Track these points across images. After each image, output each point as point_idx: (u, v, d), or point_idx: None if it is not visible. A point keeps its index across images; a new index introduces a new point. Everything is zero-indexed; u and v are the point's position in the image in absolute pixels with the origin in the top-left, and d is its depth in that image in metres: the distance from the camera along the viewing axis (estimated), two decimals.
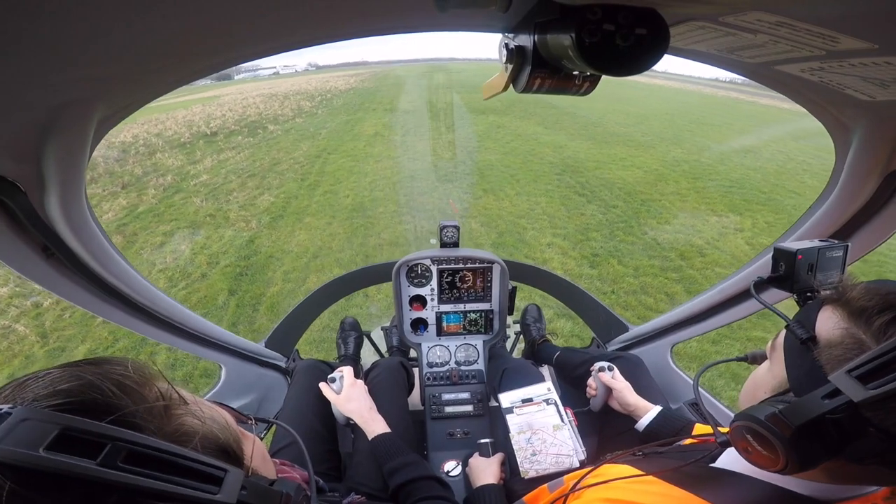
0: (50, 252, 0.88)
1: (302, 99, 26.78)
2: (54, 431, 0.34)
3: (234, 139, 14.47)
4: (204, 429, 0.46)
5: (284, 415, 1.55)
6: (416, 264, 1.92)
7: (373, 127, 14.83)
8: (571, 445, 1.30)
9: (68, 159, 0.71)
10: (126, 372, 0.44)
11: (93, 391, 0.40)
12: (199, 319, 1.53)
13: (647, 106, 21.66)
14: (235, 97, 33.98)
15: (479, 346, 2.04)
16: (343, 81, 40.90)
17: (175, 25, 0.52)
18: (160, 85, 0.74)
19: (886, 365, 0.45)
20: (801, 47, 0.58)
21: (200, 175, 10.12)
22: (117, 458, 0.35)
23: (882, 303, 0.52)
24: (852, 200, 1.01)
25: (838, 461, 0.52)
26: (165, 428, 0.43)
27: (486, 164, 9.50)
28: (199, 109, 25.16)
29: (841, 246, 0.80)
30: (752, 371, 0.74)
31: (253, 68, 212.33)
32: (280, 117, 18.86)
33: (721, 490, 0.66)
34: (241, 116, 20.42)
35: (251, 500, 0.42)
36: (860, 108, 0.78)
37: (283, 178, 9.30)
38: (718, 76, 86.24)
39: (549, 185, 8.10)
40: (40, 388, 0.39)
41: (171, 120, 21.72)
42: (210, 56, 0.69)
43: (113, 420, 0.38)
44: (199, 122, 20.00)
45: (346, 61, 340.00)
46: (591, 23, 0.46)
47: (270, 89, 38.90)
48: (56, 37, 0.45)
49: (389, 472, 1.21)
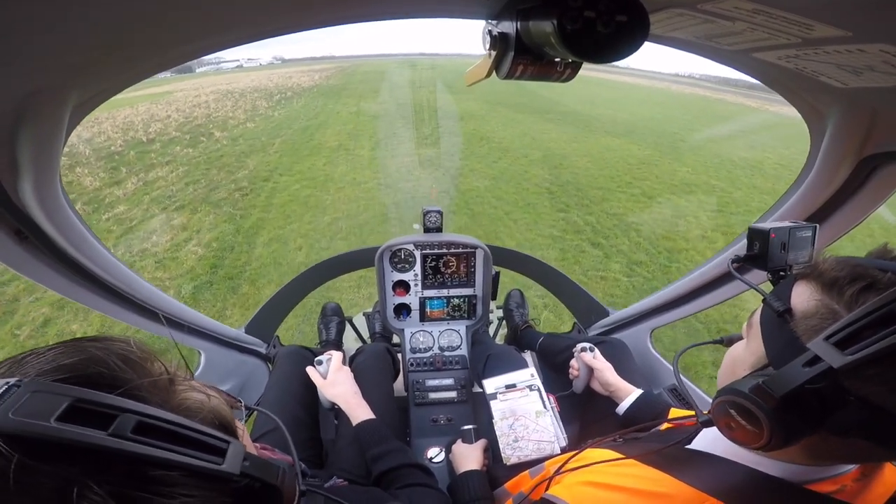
0: (23, 236, 0.89)
1: (259, 97, 24.43)
2: (65, 403, 0.34)
3: (172, 149, 12.32)
4: (209, 404, 0.46)
5: (266, 401, 1.54)
6: (400, 249, 1.90)
7: (336, 136, 12.91)
8: (553, 432, 1.32)
9: (42, 145, 0.72)
10: (129, 347, 0.44)
11: (98, 365, 0.40)
12: (179, 305, 1.54)
13: (630, 109, 20.55)
14: (188, 94, 31.46)
15: (463, 332, 2.02)
16: (307, 77, 38.43)
17: (148, 12, 0.52)
18: (134, 72, 0.75)
19: (860, 331, 0.47)
20: (778, 35, 0.59)
21: (116, 205, 8.05)
22: (127, 428, 0.35)
23: (852, 273, 0.53)
24: (826, 185, 1.04)
25: (820, 435, 0.53)
26: (171, 401, 0.43)
27: (474, 195, 7.86)
28: (145, 108, 22.59)
29: (810, 226, 0.82)
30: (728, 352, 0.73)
31: (215, 61, 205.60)
32: (230, 121, 16.62)
33: (698, 471, 0.67)
34: (186, 118, 18.05)
35: (253, 472, 0.42)
36: (834, 95, 0.80)
37: (218, 212, 7.35)
38: (678, 71, 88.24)
39: (553, 228, 6.55)
40: (43, 364, 0.39)
41: (110, 121, 19.17)
42: (184, 44, 0.69)
43: (120, 393, 0.38)
44: (138, 124, 17.64)
45: (313, 55, 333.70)
46: (573, 10, 0.47)
47: (228, 85, 36.13)
48: (28, 23, 0.45)
49: (373, 458, 1.22)
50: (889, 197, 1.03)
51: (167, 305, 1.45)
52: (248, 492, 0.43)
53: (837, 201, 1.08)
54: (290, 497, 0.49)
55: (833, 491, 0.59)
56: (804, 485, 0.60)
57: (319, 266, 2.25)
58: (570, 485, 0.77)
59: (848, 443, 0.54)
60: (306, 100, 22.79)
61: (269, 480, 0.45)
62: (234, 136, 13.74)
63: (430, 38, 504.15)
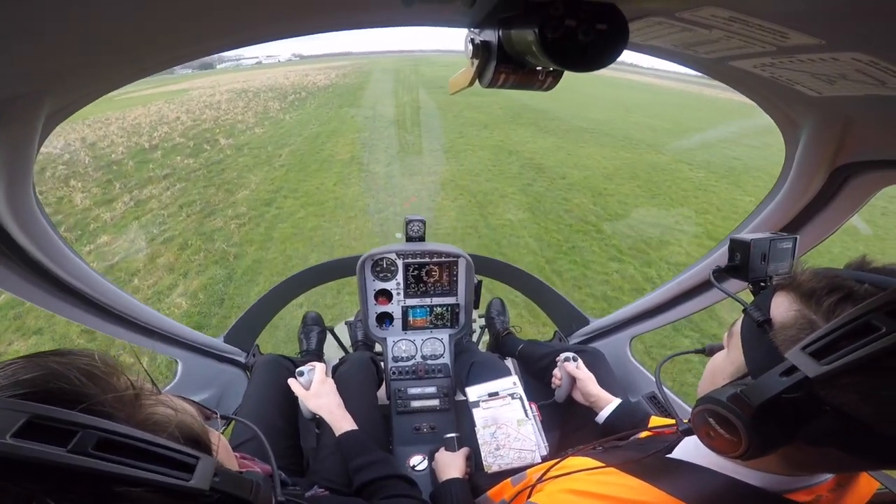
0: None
1: (272, 98, 23.59)
2: (22, 419, 0.33)
3: (173, 160, 11.44)
4: (177, 418, 0.45)
5: (245, 410, 1.52)
6: (382, 258, 1.89)
7: (348, 147, 11.83)
8: (534, 440, 1.32)
9: (14, 155, 0.70)
10: (93, 362, 0.42)
11: (58, 380, 0.39)
12: (156, 314, 1.52)
13: (667, 116, 19.04)
14: (204, 92, 31.15)
15: (445, 340, 2.00)
16: (323, 76, 37.66)
17: (127, 17, 0.51)
18: (113, 79, 0.73)
19: (836, 341, 0.47)
20: (753, 43, 0.60)
21: (101, 233, 7.11)
22: (88, 445, 0.35)
23: (830, 284, 0.54)
24: (801, 195, 1.05)
25: (797, 445, 0.53)
26: (136, 416, 0.42)
27: (507, 233, 6.67)
28: (156, 108, 22.02)
29: (790, 237, 0.82)
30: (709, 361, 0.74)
31: (235, 57, 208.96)
32: (238, 125, 15.72)
33: (677, 480, 0.67)
34: (195, 121, 17.26)
35: (223, 487, 0.42)
36: (808, 104, 0.81)
37: (210, 249, 6.29)
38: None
39: (606, 285, 5.32)
40: (1, 379, 0.38)
41: (119, 122, 18.59)
42: (163, 51, 0.68)
43: (83, 409, 0.37)
44: (145, 127, 16.96)
45: (331, 52, 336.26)
46: (554, 18, 0.46)
47: (244, 83, 35.59)
48: (3, 30, 0.43)
49: (355, 468, 1.22)
50: (862, 206, 1.03)
51: (144, 315, 1.44)
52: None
53: (812, 211, 1.09)
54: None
55: (809, 501, 0.60)
56: (782, 494, 0.61)
57: (300, 275, 2.23)
58: (552, 492, 0.78)
59: (822, 452, 0.54)
60: (320, 101, 21.80)
61: (241, 495, 0.44)
62: (240, 143, 12.76)
63: (447, 34, 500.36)
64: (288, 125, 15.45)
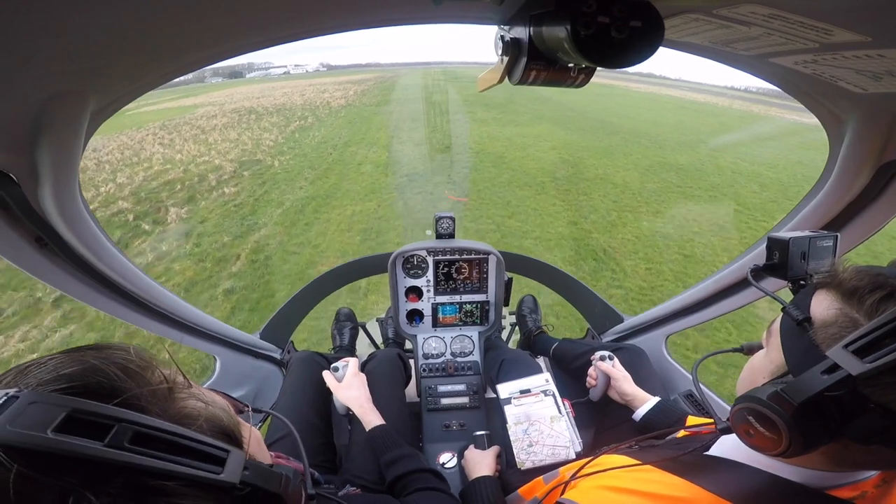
0: (43, 242, 0.89)
1: (273, 125, 20.09)
2: (62, 414, 0.34)
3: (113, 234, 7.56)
4: (207, 412, 0.45)
5: (280, 406, 1.52)
6: (412, 255, 1.86)
7: (344, 235, 7.72)
8: (568, 437, 1.29)
9: (62, 151, 0.71)
10: (129, 356, 0.43)
11: (97, 375, 0.39)
12: (195, 311, 1.52)
13: (708, 130, 14.51)
14: (209, 110, 28.42)
15: (475, 338, 1.97)
16: (341, 92, 34.35)
17: (161, 18, 0.51)
18: (152, 77, 0.74)
19: (880, 339, 0.46)
20: (795, 40, 0.58)
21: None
22: (124, 439, 0.35)
23: (873, 282, 0.52)
24: (845, 192, 1.02)
25: (841, 442, 0.52)
26: (169, 410, 0.42)
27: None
28: (140, 137, 18.70)
29: (831, 235, 0.79)
30: (748, 360, 0.72)
31: (265, 66, 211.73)
32: (209, 177, 11.87)
33: (716, 477, 0.66)
34: (164, 165, 13.68)
35: (253, 480, 0.42)
36: (853, 100, 0.79)
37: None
38: (733, 84, 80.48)
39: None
40: (44, 374, 0.38)
41: (92, 157, 15.24)
42: (197, 50, 0.68)
43: (119, 403, 0.38)
44: (106, 169, 13.56)
45: (358, 63, 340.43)
46: (586, 15, 0.45)
47: (258, 100, 32.65)
48: (49, 28, 0.44)
49: (386, 463, 1.21)
50: None
51: (185, 312, 1.46)
52: (251, 500, 0.42)
53: (856, 208, 1.06)
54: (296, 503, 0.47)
55: (854, 497, 0.58)
56: (825, 490, 0.59)
57: (333, 272, 2.23)
58: (587, 489, 0.76)
59: (870, 450, 0.53)
60: (326, 132, 17.93)
61: (270, 489, 0.44)
62: (191, 225, 8.73)
63: (470, 45, 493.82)
64: (271, 179, 11.48)
